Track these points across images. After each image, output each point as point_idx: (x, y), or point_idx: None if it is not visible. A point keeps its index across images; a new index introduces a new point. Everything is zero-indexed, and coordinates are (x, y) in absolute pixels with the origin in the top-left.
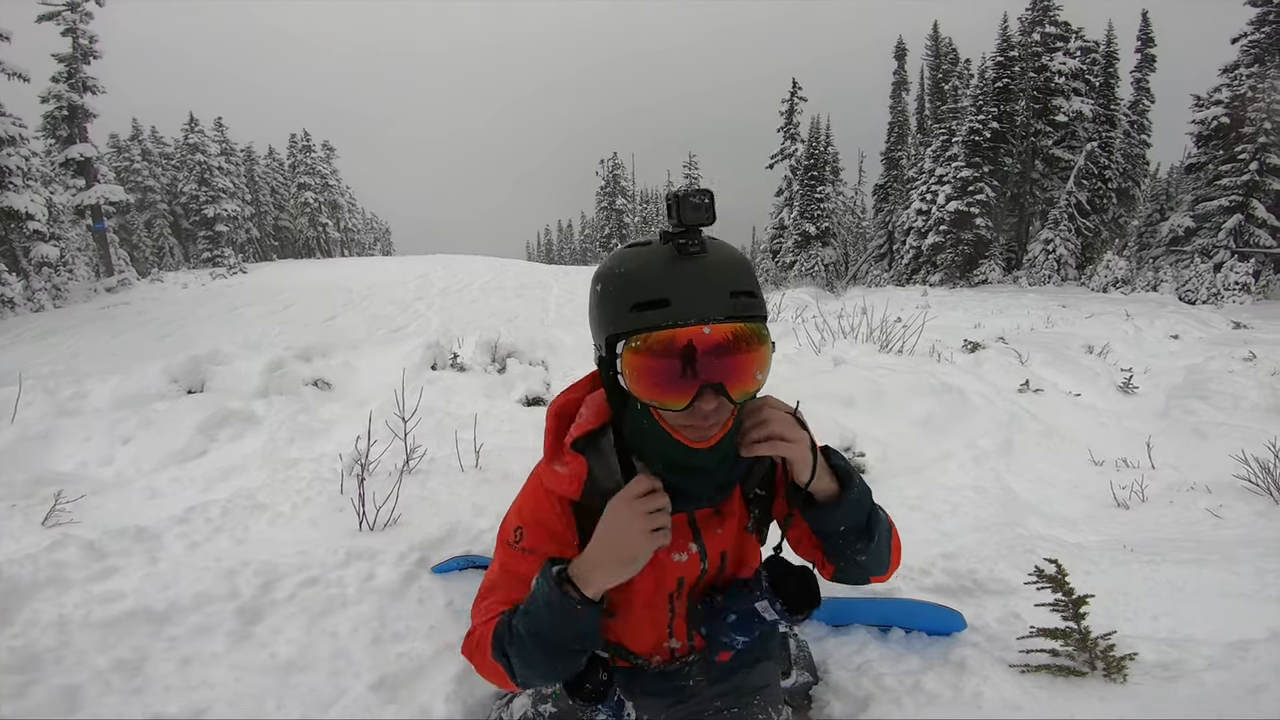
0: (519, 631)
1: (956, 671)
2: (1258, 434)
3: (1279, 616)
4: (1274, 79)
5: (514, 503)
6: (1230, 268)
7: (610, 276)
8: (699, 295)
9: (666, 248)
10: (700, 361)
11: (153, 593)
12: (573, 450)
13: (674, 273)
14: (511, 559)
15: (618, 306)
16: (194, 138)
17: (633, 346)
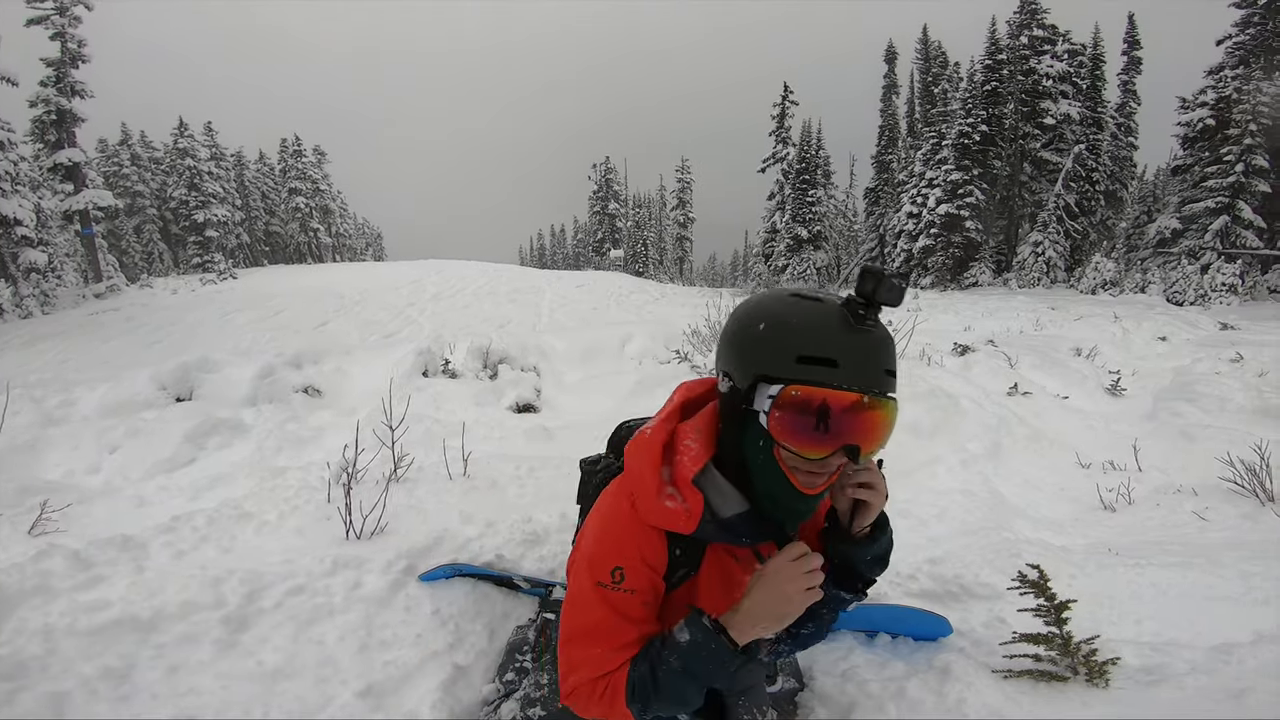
0: (665, 678)
1: (940, 678)
2: (1244, 436)
3: (1264, 619)
4: (1259, 81)
5: (595, 541)
6: (1217, 269)
7: (777, 321)
8: (865, 366)
9: (839, 311)
10: (847, 423)
11: (139, 601)
12: (693, 484)
13: (846, 339)
14: (613, 601)
15: (781, 352)
16: (183, 142)
17: (791, 394)
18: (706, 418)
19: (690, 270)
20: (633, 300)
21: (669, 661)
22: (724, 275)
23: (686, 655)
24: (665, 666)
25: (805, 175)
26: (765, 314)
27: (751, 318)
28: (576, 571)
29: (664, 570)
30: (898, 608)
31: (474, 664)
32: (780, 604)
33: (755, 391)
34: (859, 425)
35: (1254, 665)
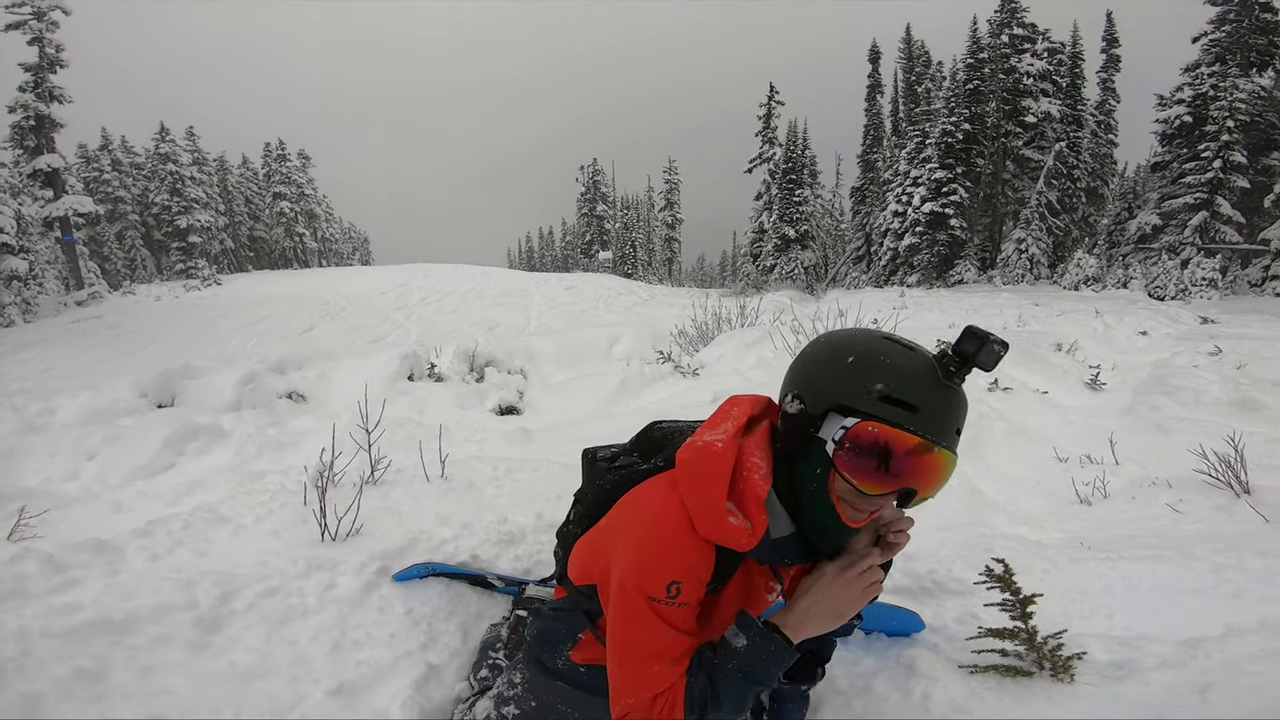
0: (724, 685)
1: (906, 673)
2: (1219, 428)
3: (1235, 613)
4: (1234, 78)
5: (643, 553)
6: (1197, 264)
7: (869, 355)
8: (942, 420)
9: (930, 364)
10: (910, 467)
11: (112, 603)
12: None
13: (932, 390)
14: (668, 615)
15: (865, 387)
16: (165, 147)
17: (867, 429)
18: (764, 437)
19: (679, 271)
20: (621, 302)
21: (727, 668)
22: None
23: (745, 659)
24: (724, 674)
25: (792, 175)
26: (857, 349)
27: (842, 349)
28: (620, 587)
29: (709, 581)
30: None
31: (447, 663)
32: (841, 603)
33: (825, 419)
34: (921, 471)
35: (1221, 660)
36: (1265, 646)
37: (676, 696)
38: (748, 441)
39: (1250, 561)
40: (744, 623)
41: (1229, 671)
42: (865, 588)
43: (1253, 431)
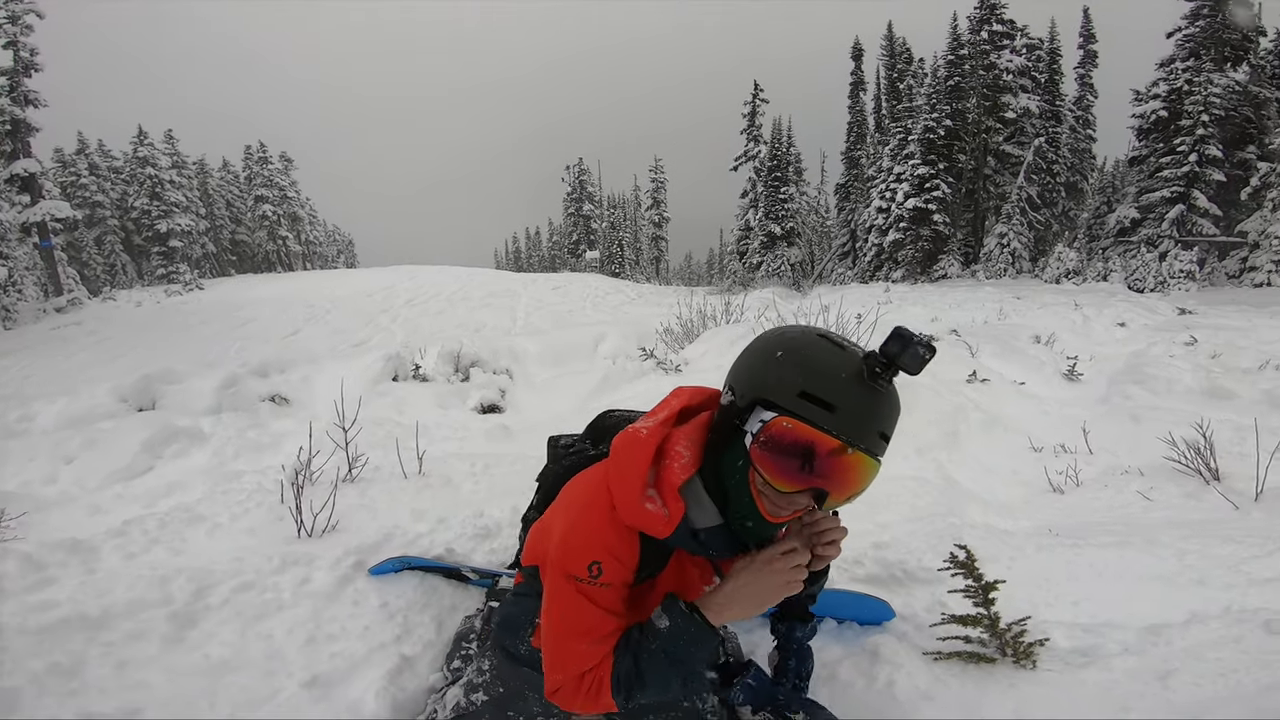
0: (648, 665)
1: (871, 660)
2: (1190, 416)
3: (1199, 599)
4: (1209, 73)
5: (569, 534)
6: (1175, 256)
7: (794, 352)
8: (862, 422)
9: (858, 364)
10: (824, 470)
11: (87, 600)
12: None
13: (853, 390)
14: (591, 595)
15: (787, 382)
16: (143, 150)
17: (783, 425)
18: (699, 427)
19: (667, 270)
20: (609, 301)
21: (650, 649)
22: (700, 274)
23: (667, 640)
24: (647, 654)
25: (777, 173)
26: (786, 345)
27: (772, 344)
28: (550, 566)
29: (634, 567)
30: (842, 593)
31: (421, 654)
32: (763, 591)
33: (751, 413)
34: (833, 472)
35: (1183, 646)
36: (1226, 633)
37: (603, 676)
38: (678, 430)
39: (1215, 548)
40: (668, 605)
41: (1190, 658)
42: (785, 581)
43: (1223, 419)
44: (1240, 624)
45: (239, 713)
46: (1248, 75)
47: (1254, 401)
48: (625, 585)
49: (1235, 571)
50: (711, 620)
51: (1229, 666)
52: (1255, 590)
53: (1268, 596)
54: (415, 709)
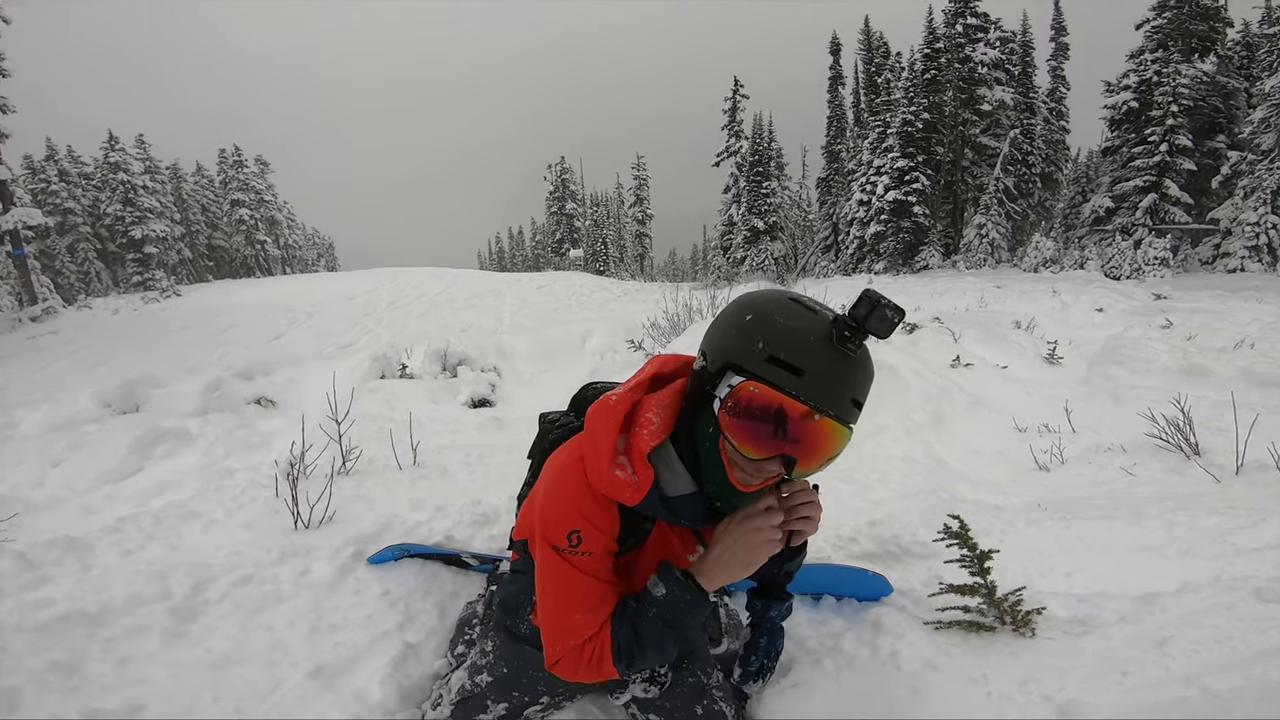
0: (647, 632)
1: (874, 631)
2: (1168, 394)
3: (1188, 569)
4: (1177, 63)
5: (548, 504)
6: (1149, 244)
7: (764, 316)
8: (831, 387)
9: (828, 328)
10: (793, 435)
11: (85, 597)
12: (647, 459)
13: (822, 354)
14: (576, 563)
15: (755, 346)
16: (114, 156)
17: (750, 390)
18: (672, 394)
19: (651, 267)
20: (594, 299)
21: (648, 616)
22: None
23: (664, 607)
24: (645, 622)
25: (759, 168)
26: (756, 308)
27: (743, 307)
28: (536, 538)
29: (616, 534)
30: (840, 568)
31: (424, 641)
32: (748, 551)
33: (721, 378)
34: (801, 437)
35: (1177, 614)
36: (1217, 601)
37: (604, 646)
38: (650, 397)
39: (1201, 519)
40: (663, 573)
41: (1185, 625)
42: (769, 539)
43: (1201, 396)
44: (1231, 592)
45: (244, 705)
46: (1215, 66)
47: (1230, 378)
48: (609, 553)
49: (1221, 542)
50: (704, 586)
51: (1224, 633)
52: (1243, 559)
53: (1255, 565)
54: (421, 695)
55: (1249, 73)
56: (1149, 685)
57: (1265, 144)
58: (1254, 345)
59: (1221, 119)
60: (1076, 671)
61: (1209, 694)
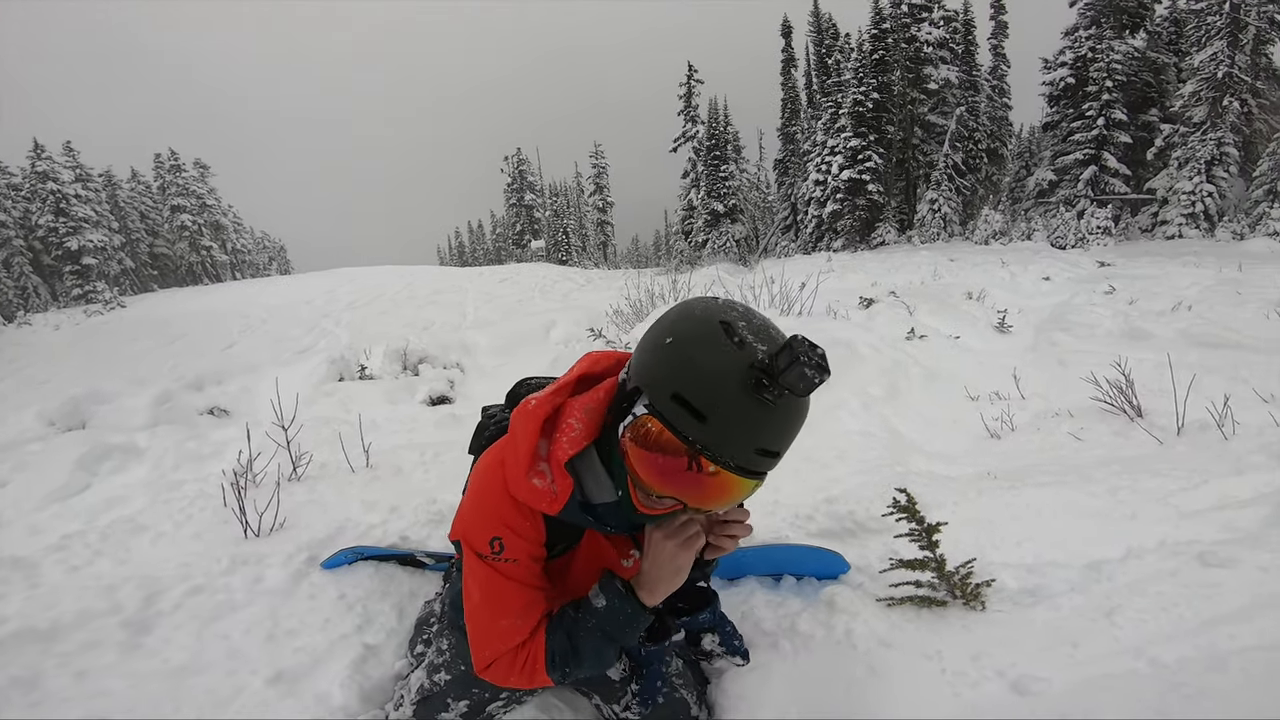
0: (583, 642)
1: (828, 610)
2: (1111, 357)
3: (1133, 534)
4: (1110, 40)
5: (470, 509)
6: (1091, 214)
7: (682, 344)
8: (736, 437)
9: (748, 373)
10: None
11: (35, 614)
12: (565, 468)
13: (733, 400)
14: (500, 570)
15: (662, 378)
16: (42, 165)
17: (648, 425)
18: (599, 396)
19: (614, 254)
20: (558, 289)
21: (587, 626)
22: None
23: (604, 618)
24: (584, 631)
25: (716, 152)
26: (678, 332)
27: (670, 327)
28: (460, 542)
29: (542, 539)
30: (798, 547)
31: (384, 643)
32: (672, 559)
33: (636, 398)
34: (692, 487)
35: (1124, 582)
36: (1163, 566)
37: (538, 653)
38: (575, 400)
39: (1144, 482)
40: (605, 584)
41: (1132, 594)
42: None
43: (1142, 358)
44: (1175, 557)
45: (206, 713)
46: (1145, 42)
47: (1170, 340)
48: (534, 559)
49: (1165, 505)
50: (646, 600)
51: (1170, 600)
52: (1185, 523)
53: (1198, 529)
54: (383, 697)
55: (1177, 48)
56: (1099, 658)
57: (1197, 116)
58: (1191, 308)
59: (1153, 93)
60: (1027, 644)
61: (1157, 665)
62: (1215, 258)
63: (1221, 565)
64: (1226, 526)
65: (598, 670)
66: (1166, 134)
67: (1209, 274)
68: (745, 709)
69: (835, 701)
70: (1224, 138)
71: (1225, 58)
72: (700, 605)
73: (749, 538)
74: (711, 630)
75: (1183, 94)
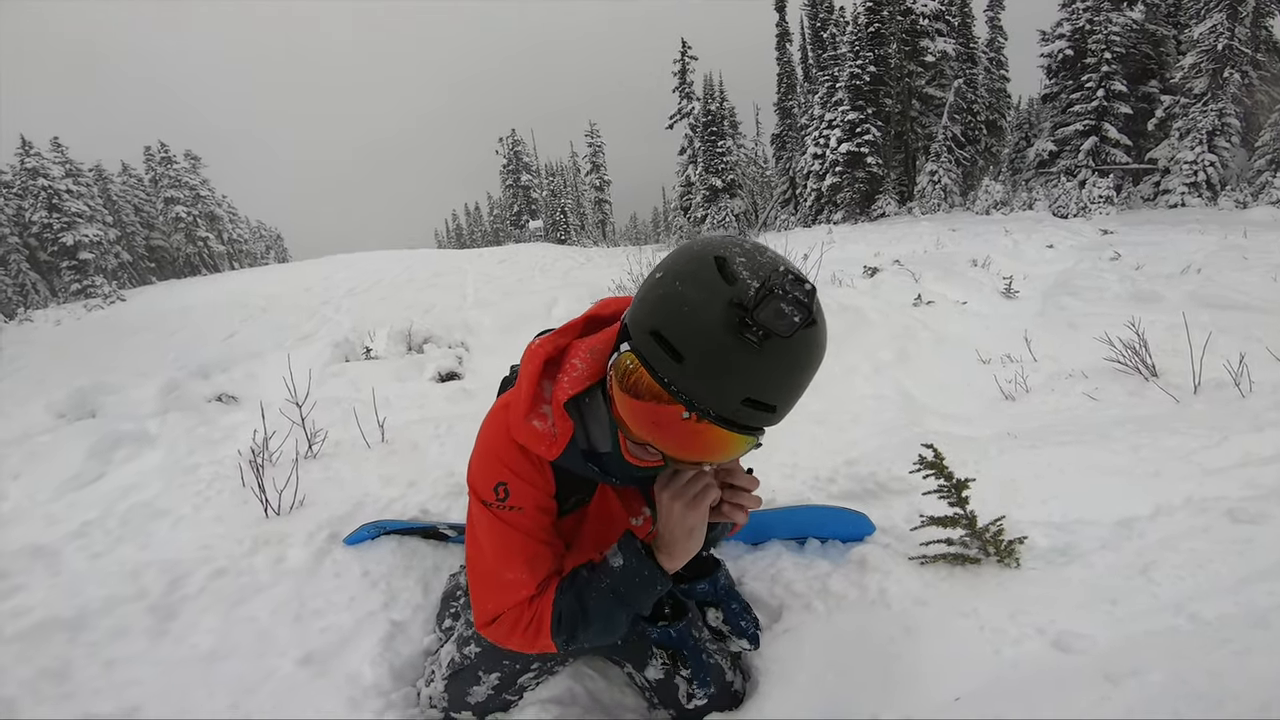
0: (595, 604)
1: (860, 570)
2: (1122, 319)
3: (1160, 491)
4: (1107, 12)
5: (476, 457)
6: (1093, 183)
7: (672, 277)
8: (714, 383)
9: (728, 310)
10: (666, 429)
11: (59, 602)
12: (565, 409)
13: (716, 340)
14: (505, 519)
15: (644, 316)
16: (31, 161)
17: (627, 363)
18: (607, 338)
19: (613, 232)
20: (558, 268)
21: (599, 587)
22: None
23: (619, 578)
24: (595, 592)
25: (713, 127)
26: (671, 266)
27: (664, 263)
28: (468, 492)
29: (551, 490)
30: (821, 508)
31: (411, 618)
32: (683, 528)
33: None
34: (673, 436)
35: (1155, 539)
36: (1194, 523)
37: (544, 613)
38: (581, 341)
39: (1165, 440)
40: (624, 543)
41: (1165, 550)
42: (698, 510)
43: (1154, 320)
44: (1204, 513)
45: (238, 699)
46: (1143, 14)
47: (1180, 302)
48: (543, 511)
49: (1188, 462)
50: (665, 565)
51: (1204, 557)
52: (1211, 480)
53: (1224, 485)
54: (414, 673)
55: (1176, 20)
56: (1139, 614)
57: (1198, 88)
58: (1200, 270)
59: (1153, 65)
60: (1065, 601)
61: (1199, 622)
62: (1219, 225)
63: (1251, 521)
64: (1250, 483)
65: (605, 639)
66: (1167, 105)
67: (1213, 240)
68: (780, 672)
69: (871, 662)
70: (1225, 108)
71: (1225, 30)
72: (699, 574)
73: (770, 501)
74: (715, 605)
75: (1183, 66)
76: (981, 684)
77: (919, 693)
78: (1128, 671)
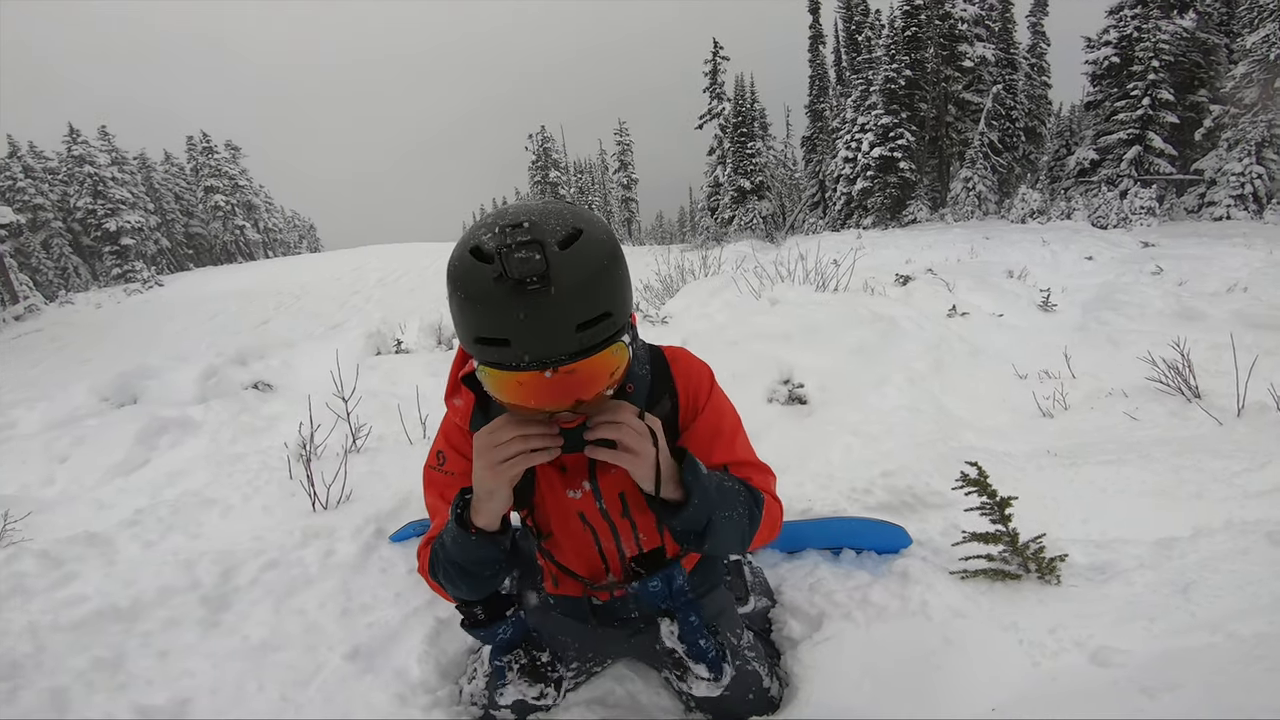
0: (441, 557)
1: (901, 582)
2: (1165, 337)
3: (1201, 513)
4: (1156, 19)
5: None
6: (1135, 194)
7: (453, 290)
8: (540, 337)
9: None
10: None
11: (116, 592)
12: (464, 383)
13: (512, 311)
14: (437, 481)
15: (463, 330)
16: (78, 149)
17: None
18: None
19: (639, 230)
20: None
21: (440, 541)
22: (672, 232)
23: (445, 534)
24: (440, 545)
25: (742, 129)
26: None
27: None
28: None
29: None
30: (857, 520)
31: (455, 616)
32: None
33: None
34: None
35: (1195, 559)
36: (1233, 545)
37: (428, 552)
38: None
39: (1207, 462)
40: (455, 500)
41: (1205, 570)
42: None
43: (1197, 339)
44: (1244, 535)
45: (289, 692)
46: (1195, 22)
47: (1224, 321)
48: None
49: (1230, 485)
50: (475, 520)
51: (1243, 578)
52: (1252, 503)
53: (1265, 509)
54: (458, 671)
55: (1229, 29)
56: (1176, 631)
57: (1249, 98)
58: (1246, 289)
59: (1203, 74)
60: (1104, 618)
61: (1235, 640)
62: (1264, 239)
63: None
64: None
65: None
66: (1216, 115)
67: (1259, 255)
68: (819, 680)
69: (911, 672)
70: (1275, 119)
71: (1278, 39)
72: (655, 568)
73: (806, 510)
74: (670, 616)
75: (1234, 75)
76: (1019, 695)
77: (957, 702)
78: (1164, 686)
